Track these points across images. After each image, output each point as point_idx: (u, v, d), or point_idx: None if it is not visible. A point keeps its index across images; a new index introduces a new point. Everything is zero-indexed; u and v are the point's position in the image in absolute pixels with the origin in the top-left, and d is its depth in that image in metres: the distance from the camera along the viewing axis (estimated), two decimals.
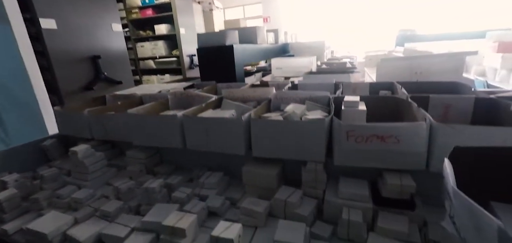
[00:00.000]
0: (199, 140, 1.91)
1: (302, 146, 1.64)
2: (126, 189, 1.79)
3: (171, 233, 1.33)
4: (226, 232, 1.11)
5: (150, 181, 1.76)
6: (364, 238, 1.37)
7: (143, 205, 1.74)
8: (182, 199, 1.67)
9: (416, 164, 1.44)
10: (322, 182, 1.62)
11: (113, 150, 2.51)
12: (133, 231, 1.51)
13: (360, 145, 1.47)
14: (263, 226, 1.52)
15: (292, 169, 1.87)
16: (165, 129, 2.00)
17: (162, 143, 2.08)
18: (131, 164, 2.15)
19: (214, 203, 1.65)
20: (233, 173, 2.04)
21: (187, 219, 1.36)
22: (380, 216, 1.44)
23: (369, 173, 1.65)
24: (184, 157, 2.26)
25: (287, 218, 1.56)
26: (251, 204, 1.55)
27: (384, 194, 1.47)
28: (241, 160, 1.94)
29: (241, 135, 1.77)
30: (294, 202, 1.52)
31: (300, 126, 1.61)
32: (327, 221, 1.53)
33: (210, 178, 1.88)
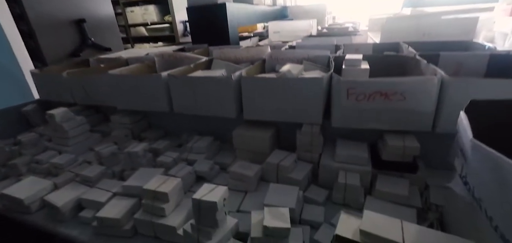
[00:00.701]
0: (187, 102, 1.76)
1: (298, 107, 1.50)
2: (109, 154, 1.67)
3: (153, 198, 1.23)
4: (210, 195, 1.00)
5: (133, 145, 1.64)
6: (361, 202, 1.28)
7: (127, 170, 1.63)
8: (167, 163, 1.56)
9: (422, 125, 1.31)
10: (318, 145, 1.50)
11: (98, 115, 2.37)
12: (114, 196, 1.41)
13: (361, 104, 1.32)
14: (253, 190, 1.42)
15: (287, 132, 1.74)
16: (149, 91, 1.84)
17: (147, 107, 1.93)
18: (116, 130, 2.02)
19: (202, 167, 1.54)
20: (224, 138, 1.92)
21: (170, 183, 1.25)
22: (379, 179, 1.33)
23: (369, 136, 1.53)
24: (173, 122, 2.13)
25: (279, 182, 1.46)
26: (241, 168, 1.44)
27: (385, 156, 1.36)
28: (232, 123, 1.81)
29: (231, 96, 1.62)
30: (287, 166, 1.41)
31: (295, 85, 1.46)
32: (323, 186, 1.43)
33: (199, 143, 1.76)
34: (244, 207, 1.31)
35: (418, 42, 2.16)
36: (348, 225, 0.92)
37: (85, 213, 1.37)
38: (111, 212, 1.27)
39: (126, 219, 1.27)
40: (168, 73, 1.74)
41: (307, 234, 1.13)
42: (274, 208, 1.05)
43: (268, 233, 0.97)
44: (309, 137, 1.49)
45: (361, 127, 1.40)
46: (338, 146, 1.45)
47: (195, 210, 1.02)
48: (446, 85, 1.20)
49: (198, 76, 1.71)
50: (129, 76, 1.91)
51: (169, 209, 1.22)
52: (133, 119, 2.08)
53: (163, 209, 1.19)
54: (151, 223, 1.20)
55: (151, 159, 1.67)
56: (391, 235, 0.81)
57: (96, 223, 1.28)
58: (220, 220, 1.02)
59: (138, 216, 1.24)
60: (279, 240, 0.98)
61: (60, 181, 1.57)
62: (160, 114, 1.97)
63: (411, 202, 1.23)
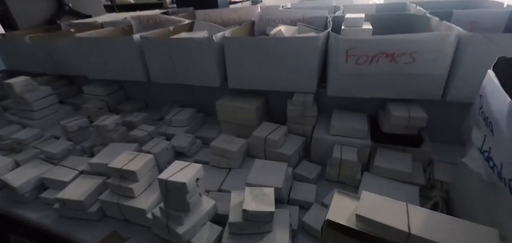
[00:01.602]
0: (165, 70, 1.55)
1: (289, 73, 1.30)
2: (76, 128, 1.48)
3: (120, 177, 1.07)
4: (179, 174, 0.84)
5: (102, 118, 1.45)
6: (358, 179, 1.14)
7: (97, 146, 1.46)
8: (141, 138, 1.38)
9: (431, 92, 1.14)
10: (311, 117, 1.33)
11: (71, 87, 2.15)
12: (80, 174, 1.25)
13: (362, 68, 1.14)
14: (238, 167, 1.26)
15: (277, 103, 1.56)
16: (122, 57, 1.62)
17: (121, 76, 1.72)
18: (88, 102, 1.82)
19: (180, 142, 1.37)
20: (209, 110, 1.74)
21: (140, 160, 1.09)
22: (378, 154, 1.18)
23: (369, 106, 1.36)
24: (152, 93, 1.92)
25: (267, 158, 1.30)
26: (224, 142, 1.28)
27: (386, 129, 1.20)
28: (217, 94, 1.62)
29: (213, 62, 1.41)
30: (276, 140, 1.25)
31: (286, 46, 1.25)
32: (316, 162, 1.28)
33: (179, 115, 1.57)
34: (226, 186, 1.16)
35: (427, 1, 1.93)
36: (342, 207, 0.77)
37: (48, 194, 1.21)
38: (74, 193, 1.11)
39: (91, 201, 1.11)
40: (140, 35, 1.51)
41: (296, 216, 0.99)
42: (257, 188, 0.90)
43: (248, 217, 0.82)
44: (301, 108, 1.31)
45: (361, 95, 1.22)
46: (334, 118, 1.28)
47: (162, 192, 0.86)
48: (464, 42, 1.01)
49: (175, 38, 1.48)
50: (98, 39, 1.67)
51: (139, 189, 1.06)
52: (108, 90, 1.87)
53: (131, 190, 1.04)
54: (118, 205, 1.05)
55: (124, 133, 1.49)
56: (394, 222, 0.67)
57: (58, 205, 1.12)
58: (192, 203, 0.86)
59: (104, 198, 1.08)
60: (262, 224, 0.84)
61: (22, 158, 1.40)
62: (138, 84, 1.76)
63: (414, 179, 1.09)
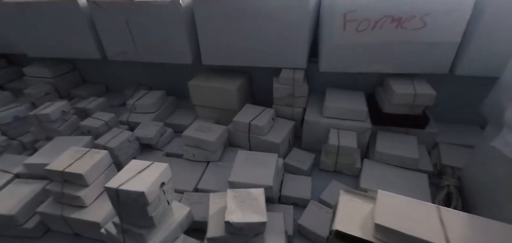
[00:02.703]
0: (122, 44, 1.27)
1: (274, 44, 1.09)
2: (10, 119, 1.18)
3: (64, 181, 0.82)
4: (136, 180, 0.62)
5: (45, 105, 1.16)
6: (358, 168, 0.99)
7: (42, 141, 1.17)
8: (95, 128, 1.12)
9: (440, 65, 0.98)
10: (301, 97, 1.14)
11: (11, 68, 1.78)
12: (15, 178, 0.98)
13: (363, 36, 0.95)
14: (217, 160, 1.06)
15: (262, 82, 1.36)
16: (67, 28, 1.30)
17: (69, 52, 1.40)
18: (31, 86, 1.49)
19: (146, 132, 1.13)
20: (182, 93, 1.49)
21: (90, 158, 0.84)
22: (379, 138, 1.03)
23: (365, 83, 1.19)
24: (113, 74, 1.62)
25: (252, 148, 1.11)
26: (199, 131, 1.06)
27: (387, 109, 1.05)
28: (190, 72, 1.38)
29: (182, 31, 1.15)
30: (261, 126, 1.05)
31: (270, 10, 1.03)
32: (308, 149, 1.11)
33: (144, 99, 1.31)
34: (204, 184, 0.96)
35: None
36: (352, 212, 0.61)
37: None
38: (3, 205, 0.85)
39: (27, 214, 0.86)
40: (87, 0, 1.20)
41: (290, 218, 0.82)
42: (243, 191, 0.71)
43: (232, 230, 0.63)
44: (289, 87, 1.12)
45: (361, 70, 1.05)
46: (328, 97, 1.10)
47: (114, 205, 0.64)
48: (482, 3, 0.85)
49: (132, 2, 1.19)
50: (31, 4, 1.31)
51: (90, 196, 0.83)
52: (56, 71, 1.54)
53: (78, 198, 0.80)
54: (62, 217, 0.81)
55: (75, 124, 1.21)
56: (426, 232, 0.51)
57: None
58: (157, 215, 0.65)
59: (44, 209, 0.84)
60: (250, 238, 0.65)
61: None
62: (94, 63, 1.46)
63: (421, 165, 0.96)
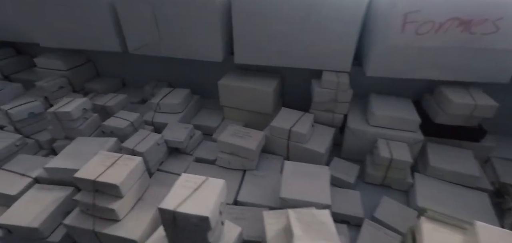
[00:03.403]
0: (147, 37, 1.17)
1: (320, 45, 1.01)
2: (26, 116, 1.08)
3: (96, 190, 0.74)
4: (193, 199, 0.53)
5: (64, 101, 1.06)
6: (409, 183, 0.91)
7: (60, 140, 1.08)
8: (121, 130, 1.03)
9: (502, 73, 0.90)
10: (344, 103, 1.05)
11: (19, 57, 1.67)
12: (34, 183, 0.89)
13: (423, 39, 0.87)
14: (254, 168, 0.97)
15: (293, 83, 1.27)
16: (87, 18, 1.20)
17: (87, 44, 1.30)
18: (43, 78, 1.38)
19: (176, 134, 1.04)
20: (206, 91, 1.40)
21: (124, 166, 0.75)
22: (430, 151, 0.96)
23: (411, 89, 1.11)
24: (131, 68, 1.52)
25: (291, 156, 1.03)
26: (236, 136, 0.97)
27: (441, 119, 0.97)
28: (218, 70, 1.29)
29: (216, 27, 1.06)
30: (303, 133, 0.97)
31: (321, 7, 0.94)
32: (347, 158, 1.04)
33: (169, 98, 1.22)
34: (244, 196, 0.88)
35: None
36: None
37: None
38: (24, 216, 0.76)
39: (51, 226, 0.77)
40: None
41: (346, 240, 0.74)
42: (306, 212, 0.62)
43: None
44: (332, 91, 1.03)
45: (413, 76, 0.97)
46: (374, 104, 1.02)
47: (168, 228, 0.56)
48: None
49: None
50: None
51: (124, 208, 0.74)
52: (70, 63, 1.44)
53: (113, 211, 0.71)
54: (93, 232, 0.73)
55: (97, 122, 1.12)
56: None
57: (1, 233, 0.77)
58: (216, 240, 0.57)
59: (71, 221, 0.75)
60: None
61: None
62: (112, 56, 1.36)
63: (480, 182, 0.89)
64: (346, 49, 1.00)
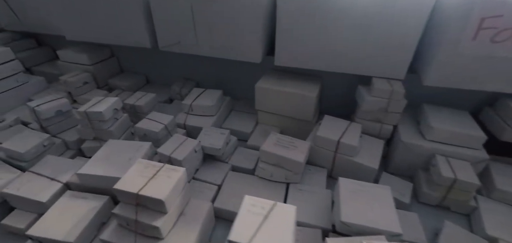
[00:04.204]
0: (181, 34, 1.09)
1: (369, 48, 0.92)
2: (53, 114, 1.02)
3: (137, 205, 0.67)
4: (266, 235, 0.46)
5: (93, 101, 0.99)
6: (472, 207, 0.83)
7: (89, 141, 1.02)
8: (155, 133, 0.96)
9: None
10: (395, 113, 0.97)
11: (40, 49, 1.61)
12: (66, 190, 0.82)
13: (498, 48, 0.77)
14: (298, 182, 0.90)
15: (333, 89, 1.19)
16: (118, 12, 1.13)
17: (115, 38, 1.23)
18: (67, 73, 1.32)
19: (212, 141, 0.97)
20: (237, 92, 1.32)
21: (168, 178, 0.68)
22: (494, 171, 0.87)
23: (466, 102, 1.02)
24: (157, 65, 1.45)
25: (337, 169, 0.95)
26: (280, 146, 0.89)
27: (508, 136, 0.88)
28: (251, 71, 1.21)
29: (258, 25, 0.98)
30: (353, 145, 0.88)
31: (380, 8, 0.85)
32: (397, 174, 0.95)
33: (202, 99, 1.14)
34: None
35: None
36: None
37: (14, 220, 0.79)
38: (57, 228, 0.71)
39: (87, 239, 0.71)
40: None
41: None
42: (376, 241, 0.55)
43: None
44: (384, 100, 0.94)
45: (479, 88, 0.87)
46: (431, 117, 0.93)
47: None
48: None
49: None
50: None
51: (168, 225, 0.68)
52: (95, 57, 1.38)
53: (156, 229, 0.65)
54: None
55: (126, 123, 1.05)
56: None
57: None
58: None
59: (109, 237, 0.68)
60: None
61: None
62: (138, 51, 1.29)
63: None
64: (403, 56, 0.91)
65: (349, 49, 0.95)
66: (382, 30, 0.88)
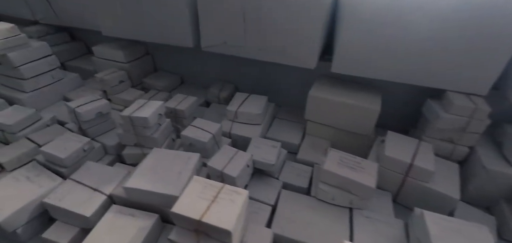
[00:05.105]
0: (227, 32, 1.01)
1: (449, 59, 0.80)
2: (94, 116, 0.95)
3: (196, 229, 0.59)
4: None
5: (137, 104, 0.92)
6: None
7: (130, 147, 0.95)
8: (203, 143, 0.87)
9: None
10: (474, 134, 0.85)
11: (74, 43, 1.57)
12: (111, 204, 0.75)
13: None
14: (365, 208, 0.79)
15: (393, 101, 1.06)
16: (162, 9, 1.05)
17: (155, 37, 1.15)
18: (102, 70, 1.26)
19: (264, 155, 0.87)
20: (280, 98, 1.23)
21: (230, 202, 0.60)
22: None
23: None
24: (194, 65, 1.37)
25: (404, 195, 0.84)
26: (345, 167, 0.79)
27: None
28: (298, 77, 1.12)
29: (317, 28, 0.88)
30: (431, 170, 0.77)
31: (466, 12, 0.73)
32: (472, 204, 0.84)
33: (247, 106, 1.05)
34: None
35: None
36: None
37: (55, 233, 0.73)
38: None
39: None
40: None
41: None
42: None
43: None
44: (464, 119, 0.83)
45: None
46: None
47: None
48: None
49: None
50: None
51: None
52: (131, 55, 1.32)
53: None
54: None
55: (168, 129, 0.98)
56: None
57: None
58: None
59: None
60: None
61: (7, 158, 0.88)
62: (171, 49, 1.22)
63: None
64: (490, 69, 0.79)
65: (423, 59, 0.84)
66: (469, 41, 0.76)
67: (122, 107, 1.22)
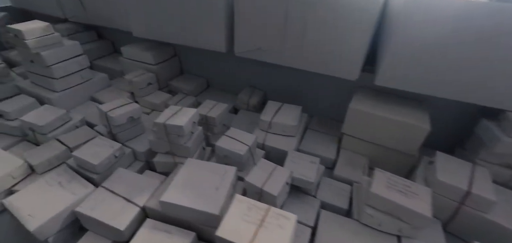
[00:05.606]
0: (264, 38, 0.96)
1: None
2: (125, 120, 0.93)
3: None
4: None
5: (170, 111, 0.88)
6: None
7: (161, 154, 0.91)
8: (238, 156, 0.82)
9: None
10: None
11: (101, 42, 1.56)
12: (145, 219, 0.72)
13: None
14: (416, 238, 0.73)
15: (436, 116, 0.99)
16: (196, 11, 1.01)
17: (186, 39, 1.12)
18: (130, 72, 1.24)
19: (304, 172, 0.82)
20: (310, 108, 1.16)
21: (276, 228, 0.55)
22: None
23: None
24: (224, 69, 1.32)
25: (457, 225, 0.77)
26: (395, 190, 0.72)
27: None
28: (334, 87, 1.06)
29: (365, 37, 0.82)
30: (492, 200, 0.70)
31: None
32: None
33: (282, 116, 1.00)
34: None
35: None
36: None
37: None
38: None
39: None
40: None
41: None
42: None
43: None
44: None
45: None
46: None
47: None
48: None
49: None
50: None
51: None
52: (160, 56, 1.29)
53: None
54: None
55: (201, 137, 0.94)
56: None
57: None
58: None
59: None
60: None
61: (38, 161, 0.86)
62: (199, 52, 1.19)
63: None
64: None
65: (482, 76, 0.76)
66: None
67: (149, 110, 1.20)
